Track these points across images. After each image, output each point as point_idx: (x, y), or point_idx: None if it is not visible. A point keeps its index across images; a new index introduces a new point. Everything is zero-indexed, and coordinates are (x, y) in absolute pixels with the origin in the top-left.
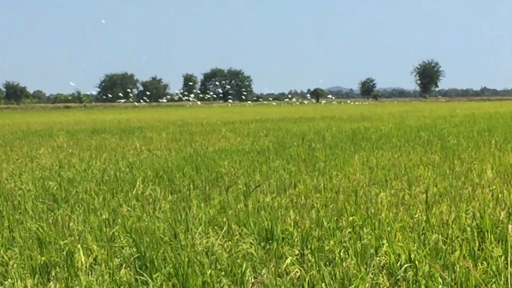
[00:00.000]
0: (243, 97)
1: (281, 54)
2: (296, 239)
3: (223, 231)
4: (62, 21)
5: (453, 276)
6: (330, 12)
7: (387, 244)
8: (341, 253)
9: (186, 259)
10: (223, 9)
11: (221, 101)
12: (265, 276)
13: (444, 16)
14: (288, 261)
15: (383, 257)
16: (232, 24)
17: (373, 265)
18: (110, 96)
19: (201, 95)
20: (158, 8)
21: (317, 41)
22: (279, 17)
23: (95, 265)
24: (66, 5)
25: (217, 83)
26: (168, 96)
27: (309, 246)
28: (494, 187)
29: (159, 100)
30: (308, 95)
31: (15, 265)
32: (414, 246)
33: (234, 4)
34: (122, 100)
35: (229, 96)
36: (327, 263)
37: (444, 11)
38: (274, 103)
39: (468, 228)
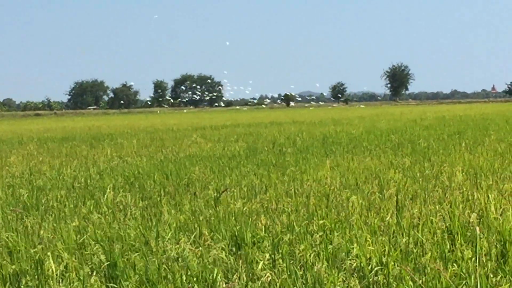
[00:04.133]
0: (215, 103)
1: (250, 60)
2: (267, 244)
3: (192, 236)
4: (31, 28)
5: (424, 279)
6: (299, 18)
7: (358, 247)
8: (312, 257)
9: (157, 265)
10: (192, 14)
11: (191, 106)
12: (236, 281)
13: (412, 20)
14: (260, 265)
15: (354, 261)
16: (201, 29)
17: (344, 269)
18: (81, 103)
19: (171, 101)
20: (127, 15)
21: (287, 46)
22: (248, 23)
23: (65, 273)
24: (34, 13)
25: (194, 90)
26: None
27: (280, 251)
28: (464, 189)
29: (132, 105)
30: (279, 100)
31: None
32: (385, 249)
33: (202, 9)
34: (93, 107)
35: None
36: (299, 267)
37: (412, 15)
38: (245, 108)
39: (439, 231)
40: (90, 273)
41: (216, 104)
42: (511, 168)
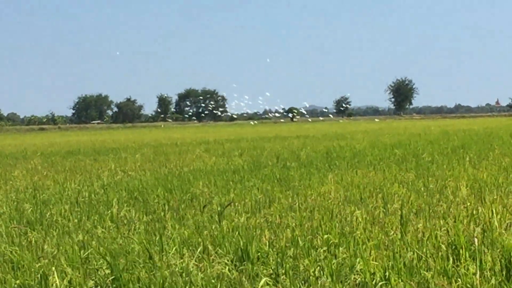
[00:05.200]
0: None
1: (255, 74)
2: (271, 259)
3: (197, 251)
4: (34, 43)
5: None
6: (303, 31)
7: (362, 262)
8: (316, 272)
9: (161, 280)
10: (196, 29)
11: (196, 121)
12: None
13: (417, 34)
14: (262, 281)
15: (358, 275)
16: (205, 43)
17: (348, 283)
18: (85, 117)
19: (175, 116)
20: (131, 30)
21: (291, 60)
22: (252, 37)
23: (69, 287)
24: (38, 28)
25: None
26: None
27: (284, 265)
28: (469, 203)
29: (136, 120)
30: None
31: None
32: (389, 264)
33: (206, 23)
34: (97, 121)
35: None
36: (303, 282)
37: (416, 29)
38: (252, 123)
39: (443, 245)
40: (94, 287)
41: (222, 114)
42: None
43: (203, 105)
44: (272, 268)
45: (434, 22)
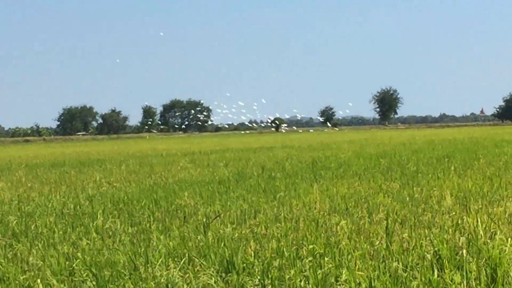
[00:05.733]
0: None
1: (239, 84)
2: (256, 269)
3: (181, 262)
4: (18, 53)
5: None
6: (286, 40)
7: (347, 272)
8: (302, 282)
9: None
10: (180, 39)
11: (180, 132)
12: None
13: (400, 43)
14: None
15: (344, 285)
16: (190, 54)
17: None
18: (70, 129)
19: (161, 127)
20: (115, 41)
21: (275, 70)
22: (236, 47)
23: None
24: (22, 39)
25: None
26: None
27: (270, 276)
28: (454, 213)
29: (121, 131)
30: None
31: None
32: (374, 274)
33: (190, 33)
34: (82, 133)
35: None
36: None
37: (400, 38)
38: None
39: (428, 255)
40: None
41: (208, 124)
42: (500, 191)
43: (190, 116)
44: (258, 278)
45: (418, 31)
